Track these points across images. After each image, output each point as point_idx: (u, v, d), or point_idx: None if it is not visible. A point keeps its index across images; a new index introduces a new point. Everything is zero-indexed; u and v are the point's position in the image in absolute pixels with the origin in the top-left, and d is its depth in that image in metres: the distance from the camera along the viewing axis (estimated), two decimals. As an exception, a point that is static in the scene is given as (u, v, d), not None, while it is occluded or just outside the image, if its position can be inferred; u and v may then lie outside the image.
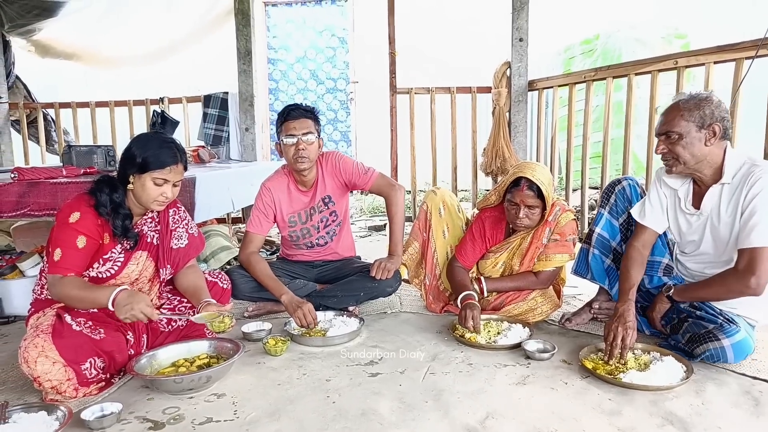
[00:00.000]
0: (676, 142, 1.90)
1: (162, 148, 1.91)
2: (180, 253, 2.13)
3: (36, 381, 1.70)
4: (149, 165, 1.88)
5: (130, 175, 1.90)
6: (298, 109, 2.49)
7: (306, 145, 2.45)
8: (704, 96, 1.90)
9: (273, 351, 2.11)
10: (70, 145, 3.15)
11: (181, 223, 2.15)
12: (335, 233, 2.73)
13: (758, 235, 1.78)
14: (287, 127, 2.46)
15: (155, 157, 1.88)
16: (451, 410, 1.65)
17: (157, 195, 1.91)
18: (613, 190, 2.30)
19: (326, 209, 2.65)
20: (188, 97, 5.04)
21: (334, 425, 1.58)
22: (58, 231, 1.84)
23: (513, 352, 2.10)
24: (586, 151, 4.03)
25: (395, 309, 2.68)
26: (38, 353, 1.67)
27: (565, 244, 2.34)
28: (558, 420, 1.59)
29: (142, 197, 1.92)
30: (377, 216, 6.18)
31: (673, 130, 1.90)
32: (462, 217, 2.69)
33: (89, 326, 1.82)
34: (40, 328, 1.75)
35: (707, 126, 1.86)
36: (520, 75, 4.52)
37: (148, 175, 1.88)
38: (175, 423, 1.61)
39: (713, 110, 1.86)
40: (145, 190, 1.90)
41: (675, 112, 1.90)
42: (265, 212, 2.59)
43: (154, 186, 1.89)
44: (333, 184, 2.63)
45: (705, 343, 1.85)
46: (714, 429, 1.53)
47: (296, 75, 6.93)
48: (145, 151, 1.88)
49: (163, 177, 1.89)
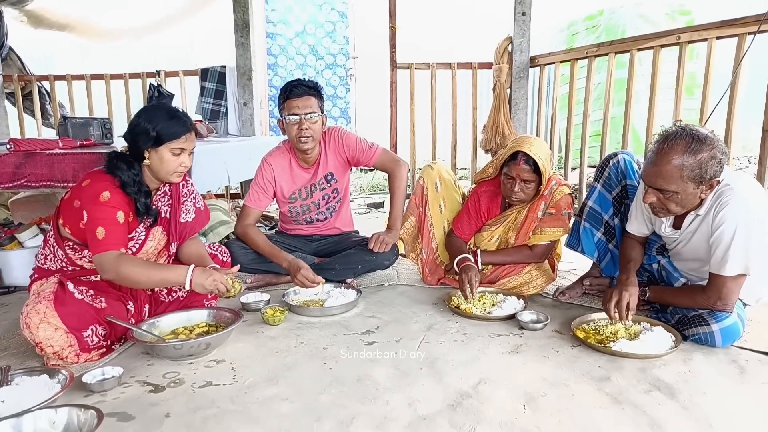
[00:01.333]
0: (670, 199, 1.79)
1: (173, 118, 1.89)
2: (187, 227, 2.14)
3: (38, 346, 1.73)
4: (165, 136, 1.86)
5: (144, 150, 1.88)
6: (300, 85, 2.42)
7: (309, 124, 2.42)
8: (706, 144, 1.70)
9: (271, 320, 2.14)
10: (66, 117, 3.14)
11: (189, 196, 2.16)
12: (335, 209, 2.74)
13: (722, 265, 1.78)
14: (290, 105, 2.41)
15: (169, 127, 1.87)
16: (444, 377, 1.69)
17: (176, 166, 1.90)
18: (607, 163, 2.31)
19: (328, 186, 2.65)
20: (185, 71, 5.00)
21: (331, 390, 1.62)
22: (94, 210, 1.80)
23: (507, 322, 2.13)
24: (586, 128, 4.03)
25: (392, 282, 2.71)
26: (40, 319, 1.70)
27: (559, 218, 2.36)
28: (548, 385, 1.63)
29: (161, 170, 1.90)
30: (376, 194, 6.19)
31: (668, 189, 1.76)
32: (459, 191, 2.70)
33: (91, 295, 1.85)
34: (42, 295, 1.77)
35: (706, 182, 1.74)
36: (522, 51, 4.49)
37: (165, 147, 1.87)
38: (175, 386, 1.65)
39: (714, 165, 1.71)
40: (164, 162, 1.88)
41: (673, 171, 1.72)
42: (264, 188, 2.59)
43: (173, 157, 1.88)
44: (335, 161, 2.62)
45: (694, 327, 1.88)
46: (699, 395, 1.57)
47: (295, 50, 6.86)
48: (157, 123, 1.86)
49: (180, 146, 1.89)
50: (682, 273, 2.08)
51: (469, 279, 2.24)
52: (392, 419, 1.45)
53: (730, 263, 1.76)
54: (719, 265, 1.79)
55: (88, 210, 1.81)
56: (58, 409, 1.36)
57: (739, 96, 2.99)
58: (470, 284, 2.22)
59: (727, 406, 1.51)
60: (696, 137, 1.72)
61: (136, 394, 1.61)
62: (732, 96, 3.00)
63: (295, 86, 2.42)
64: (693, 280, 2.05)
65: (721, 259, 1.78)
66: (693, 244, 1.93)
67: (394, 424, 1.43)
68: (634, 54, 3.63)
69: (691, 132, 1.73)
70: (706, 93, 3.17)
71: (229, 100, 4.98)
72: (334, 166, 2.62)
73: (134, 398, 1.58)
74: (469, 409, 1.50)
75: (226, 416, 1.48)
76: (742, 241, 1.75)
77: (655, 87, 3.50)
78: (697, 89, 4.66)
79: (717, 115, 3.04)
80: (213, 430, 1.41)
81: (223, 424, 1.44)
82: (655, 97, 3.51)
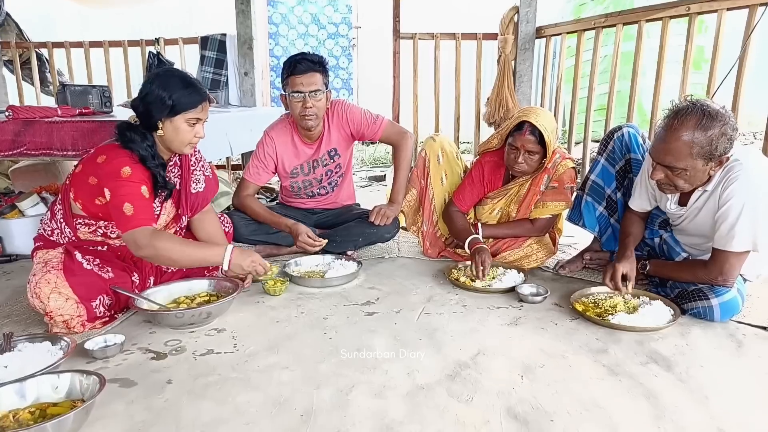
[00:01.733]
0: (679, 176, 1.76)
1: (189, 86, 1.79)
2: (198, 198, 2.08)
3: (48, 315, 1.74)
4: (182, 105, 1.77)
5: (159, 120, 1.78)
6: (304, 60, 2.33)
7: (314, 101, 2.36)
8: (717, 120, 1.66)
9: (272, 291, 2.15)
10: (64, 85, 3.10)
11: (198, 165, 2.08)
12: (337, 184, 2.72)
13: (728, 241, 1.76)
14: (293, 81, 2.34)
15: (185, 96, 1.77)
16: (443, 347, 1.71)
17: (191, 136, 1.82)
18: (612, 136, 2.28)
19: (331, 162, 2.61)
20: (185, 39, 4.91)
21: (331, 359, 1.64)
22: (117, 187, 1.72)
23: (507, 295, 2.14)
24: (591, 102, 3.97)
25: (393, 254, 2.71)
26: (51, 289, 1.71)
27: (562, 191, 2.35)
28: (545, 356, 1.64)
29: (175, 141, 1.82)
30: (378, 167, 6.16)
31: (677, 166, 1.72)
32: (461, 164, 2.68)
33: (98, 264, 1.85)
34: (51, 264, 1.77)
35: (716, 158, 1.71)
36: (528, 21, 4.39)
37: (181, 117, 1.78)
38: (177, 354, 1.67)
39: (724, 142, 1.68)
40: (179, 133, 1.80)
41: (683, 147, 1.69)
42: (264, 162, 2.56)
43: (188, 127, 1.80)
44: (339, 136, 2.57)
45: (694, 301, 1.89)
46: (696, 367, 1.58)
47: (297, 19, 6.74)
48: (173, 92, 1.76)
49: (196, 116, 1.81)
50: (684, 248, 2.08)
51: (483, 261, 2.22)
52: (391, 388, 1.47)
53: (736, 239, 1.75)
54: (724, 240, 1.78)
55: (110, 187, 1.74)
56: (61, 375, 1.37)
57: (748, 71, 2.93)
58: (483, 266, 2.22)
59: (723, 379, 1.52)
60: (707, 113, 1.68)
61: (138, 360, 1.63)
62: (740, 70, 2.94)
63: (299, 61, 2.32)
64: (695, 255, 2.04)
65: (726, 235, 1.77)
66: (699, 221, 1.92)
67: (392, 392, 1.45)
68: (642, 25, 3.55)
69: (702, 108, 1.69)
70: (714, 66, 3.11)
71: (229, 69, 4.90)
72: (338, 141, 2.58)
73: (136, 365, 1.60)
74: (467, 379, 1.51)
75: (227, 383, 1.50)
76: (750, 217, 1.73)
77: (663, 60, 3.44)
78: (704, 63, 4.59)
79: (723, 90, 2.99)
80: (214, 396, 1.43)
81: (223, 391, 1.46)
82: (662, 71, 3.45)
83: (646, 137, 2.27)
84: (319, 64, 2.36)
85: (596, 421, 1.32)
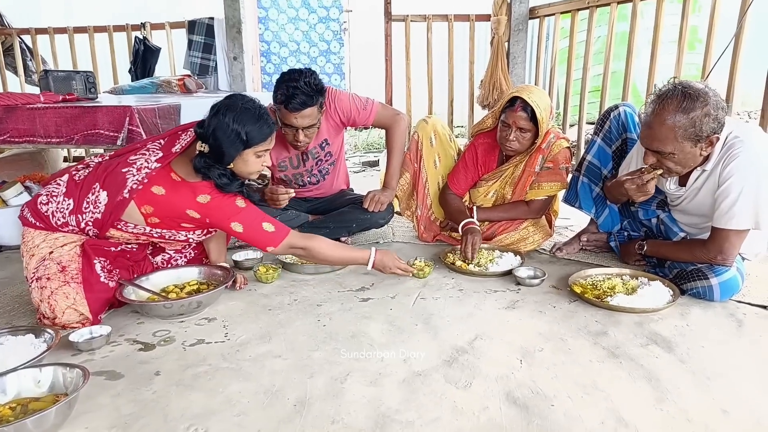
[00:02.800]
0: (668, 158, 1.75)
1: (261, 118, 1.72)
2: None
3: (52, 321, 1.70)
4: (253, 140, 1.71)
5: (232, 157, 1.71)
6: (299, 94, 2.10)
7: (307, 133, 2.24)
8: (698, 101, 1.64)
9: (264, 278, 2.11)
10: (47, 71, 3.01)
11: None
12: (328, 172, 2.65)
13: (729, 219, 1.73)
14: (286, 116, 2.17)
15: (258, 130, 1.71)
16: (440, 332, 1.67)
17: (259, 167, 1.80)
18: (608, 116, 2.23)
19: (322, 152, 2.53)
20: (171, 23, 4.79)
21: (324, 346, 1.60)
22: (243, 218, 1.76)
23: (504, 278, 2.11)
24: (585, 83, 3.92)
25: (387, 239, 2.67)
26: (68, 306, 1.67)
27: (557, 172, 2.30)
28: (544, 340, 1.61)
29: (243, 172, 1.78)
30: (371, 152, 6.09)
31: (665, 150, 1.72)
32: (454, 146, 2.63)
33: (108, 268, 1.81)
34: (69, 272, 1.70)
35: (704, 139, 1.69)
36: (521, 1, 4.32)
37: (251, 151, 1.73)
38: (166, 344, 1.62)
39: (710, 122, 1.65)
40: (247, 165, 1.75)
41: (667, 131, 1.68)
42: None
43: (256, 159, 1.76)
44: (328, 126, 2.47)
45: (693, 281, 1.86)
46: (697, 348, 1.55)
47: (287, 2, 6.60)
48: (245, 126, 1.68)
49: (266, 148, 1.77)
50: (682, 227, 2.05)
51: (473, 242, 2.19)
52: (386, 375, 1.43)
53: (737, 217, 1.72)
54: (725, 218, 1.74)
55: (238, 220, 1.76)
56: (43, 368, 1.32)
57: (743, 48, 2.89)
58: (472, 247, 2.18)
59: (724, 360, 1.49)
60: (687, 95, 1.65)
61: (125, 352, 1.58)
62: (736, 49, 2.90)
63: (292, 95, 2.10)
64: (693, 235, 2.01)
65: (726, 213, 1.73)
66: (698, 200, 1.88)
67: (388, 380, 1.41)
68: (636, 4, 3.49)
69: (683, 90, 1.67)
70: (710, 45, 3.06)
71: (218, 54, 4.80)
72: (327, 131, 2.47)
73: (123, 356, 1.55)
74: (464, 365, 1.48)
75: (218, 373, 1.45)
76: (751, 195, 1.70)
77: (657, 40, 3.38)
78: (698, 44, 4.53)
79: (718, 70, 2.95)
80: (204, 387, 1.39)
81: (214, 381, 1.41)
82: (656, 51, 3.39)
83: (642, 116, 2.22)
84: (314, 96, 2.15)
85: (597, 405, 1.29)
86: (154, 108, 2.64)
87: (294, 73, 2.16)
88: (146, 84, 4.18)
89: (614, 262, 2.25)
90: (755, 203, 1.70)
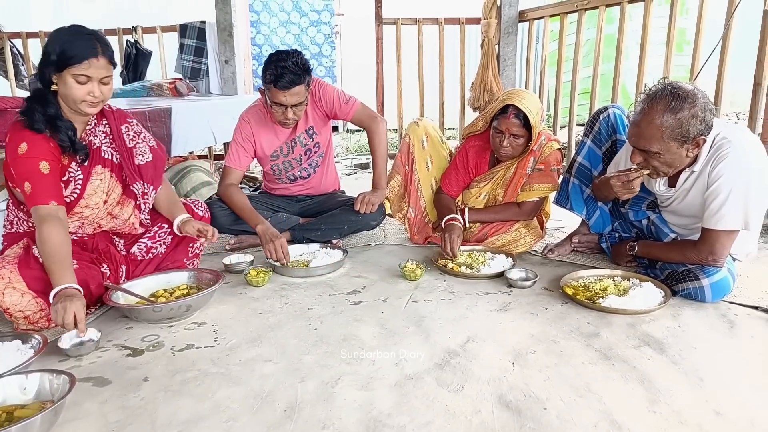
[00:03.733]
0: (654, 158, 1.75)
1: (76, 39, 1.66)
2: (149, 168, 1.98)
3: (6, 312, 1.66)
4: (65, 59, 1.64)
5: (50, 75, 1.68)
6: (287, 73, 2.17)
7: (296, 110, 2.31)
8: (687, 102, 1.64)
9: (255, 282, 2.09)
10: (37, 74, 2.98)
11: (138, 137, 1.99)
12: (318, 164, 2.66)
13: (718, 220, 1.74)
14: (275, 94, 2.23)
15: (70, 49, 1.64)
16: (432, 335, 1.66)
17: (83, 94, 1.69)
18: (597, 118, 2.24)
19: (310, 141, 2.55)
20: (163, 27, 4.78)
21: (315, 350, 1.58)
22: (17, 166, 1.68)
23: (495, 281, 2.10)
24: (575, 85, 3.94)
25: (379, 241, 2.66)
26: (5, 285, 1.62)
27: (548, 173, 2.30)
28: (536, 342, 1.60)
29: (68, 98, 1.71)
30: (363, 155, 6.08)
31: (651, 149, 1.72)
32: (446, 148, 2.63)
33: None
34: (6, 260, 1.69)
35: (691, 140, 1.70)
36: (511, 4, 4.35)
37: (67, 72, 1.65)
38: (155, 350, 1.60)
39: (697, 124, 1.66)
40: (68, 89, 1.68)
41: (654, 130, 1.68)
42: (243, 146, 2.49)
43: (76, 84, 1.67)
44: (314, 115, 2.52)
45: (684, 282, 1.86)
46: (689, 349, 1.55)
47: (278, 6, 6.61)
48: (57, 45, 1.65)
49: (83, 73, 1.66)
50: (673, 228, 2.05)
51: (451, 239, 2.19)
52: (378, 379, 1.42)
53: (727, 218, 1.73)
54: (714, 219, 1.75)
55: (14, 167, 1.70)
56: (29, 375, 1.30)
57: (730, 49, 2.91)
58: (451, 244, 2.17)
59: (716, 360, 1.49)
60: (676, 96, 1.66)
61: (113, 358, 1.56)
62: (723, 50, 2.92)
63: (281, 75, 2.17)
64: (683, 235, 2.02)
65: (716, 213, 1.74)
66: (688, 201, 1.89)
67: (379, 383, 1.40)
68: (624, 6, 3.51)
69: (673, 90, 1.68)
70: (698, 46, 3.09)
71: (209, 57, 4.79)
72: (314, 120, 2.53)
73: (111, 362, 1.53)
74: (456, 367, 1.47)
75: (207, 378, 1.43)
76: (740, 196, 1.70)
77: (646, 41, 3.41)
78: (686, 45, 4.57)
79: (706, 71, 2.97)
80: (192, 392, 1.37)
81: (203, 386, 1.39)
82: (645, 53, 3.42)
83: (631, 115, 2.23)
84: (302, 75, 2.22)
85: (590, 407, 1.28)
86: (144, 111, 2.62)
87: (282, 54, 2.22)
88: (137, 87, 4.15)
89: (606, 263, 2.25)
90: (744, 204, 1.71)
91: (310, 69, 2.28)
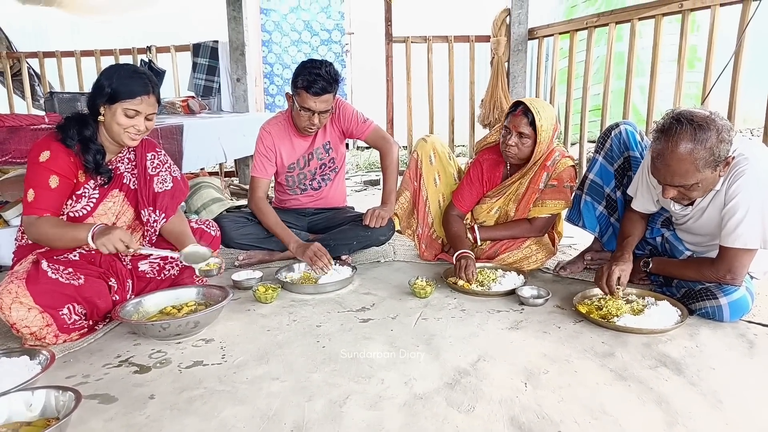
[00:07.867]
0: (692, 189, 1.71)
1: (133, 78, 1.82)
2: (166, 197, 2.04)
3: (13, 327, 1.66)
4: (119, 94, 1.79)
5: (100, 106, 1.82)
6: (320, 80, 2.24)
7: (321, 117, 2.37)
8: (709, 129, 1.61)
9: (263, 298, 2.07)
10: (53, 93, 3.04)
11: (163, 167, 2.06)
12: (330, 179, 2.70)
13: (736, 238, 1.70)
14: (305, 99, 2.29)
15: (125, 86, 1.80)
16: (442, 353, 1.63)
17: (128, 126, 1.83)
18: (609, 134, 2.22)
19: (326, 156, 2.61)
20: (177, 46, 4.87)
21: (324, 368, 1.56)
22: (30, 171, 1.78)
23: (507, 298, 2.07)
24: (586, 102, 3.93)
25: (389, 258, 2.64)
26: (12, 299, 1.63)
27: (561, 190, 2.28)
28: (549, 362, 1.57)
29: (113, 129, 1.84)
30: (373, 171, 6.10)
31: (689, 183, 1.68)
32: (453, 164, 2.62)
33: (68, 273, 1.77)
34: (15, 275, 1.70)
35: (722, 161, 1.66)
36: (520, 23, 4.36)
37: (118, 106, 1.80)
38: (162, 367, 1.59)
39: (724, 146, 1.63)
40: (116, 119, 1.81)
41: (687, 166, 1.64)
42: (267, 156, 2.53)
43: (125, 117, 1.81)
44: (332, 131, 2.58)
45: (701, 301, 1.82)
46: (707, 369, 1.51)
47: (290, 26, 6.69)
48: (114, 81, 1.79)
49: (134, 108, 1.81)
50: (687, 246, 2.01)
51: (467, 265, 2.16)
52: (387, 398, 1.39)
53: (745, 236, 1.69)
54: (733, 237, 1.71)
55: (28, 170, 1.78)
56: (36, 391, 1.29)
57: (743, 65, 2.89)
58: (466, 270, 2.15)
59: (736, 382, 1.45)
60: (697, 125, 1.62)
61: (120, 375, 1.54)
62: (736, 66, 2.90)
63: (314, 81, 2.24)
64: (699, 253, 1.98)
65: (734, 231, 1.70)
66: (704, 219, 1.85)
67: (388, 402, 1.37)
68: (635, 24, 3.51)
69: (690, 121, 1.62)
70: (710, 63, 3.07)
71: (222, 76, 4.86)
72: (332, 135, 2.58)
73: (118, 379, 1.51)
74: (467, 387, 1.43)
75: (213, 396, 1.41)
76: (758, 213, 1.67)
77: (657, 58, 3.39)
78: (698, 62, 4.55)
79: (719, 88, 2.95)
80: (199, 410, 1.35)
81: (209, 405, 1.37)
82: (656, 70, 3.40)
83: (644, 134, 2.21)
84: (333, 84, 2.31)
85: (606, 430, 1.24)
86: (157, 128, 2.64)
87: (315, 62, 2.30)
88: (150, 105, 4.20)
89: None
90: (762, 221, 1.67)
91: (339, 80, 2.36)
